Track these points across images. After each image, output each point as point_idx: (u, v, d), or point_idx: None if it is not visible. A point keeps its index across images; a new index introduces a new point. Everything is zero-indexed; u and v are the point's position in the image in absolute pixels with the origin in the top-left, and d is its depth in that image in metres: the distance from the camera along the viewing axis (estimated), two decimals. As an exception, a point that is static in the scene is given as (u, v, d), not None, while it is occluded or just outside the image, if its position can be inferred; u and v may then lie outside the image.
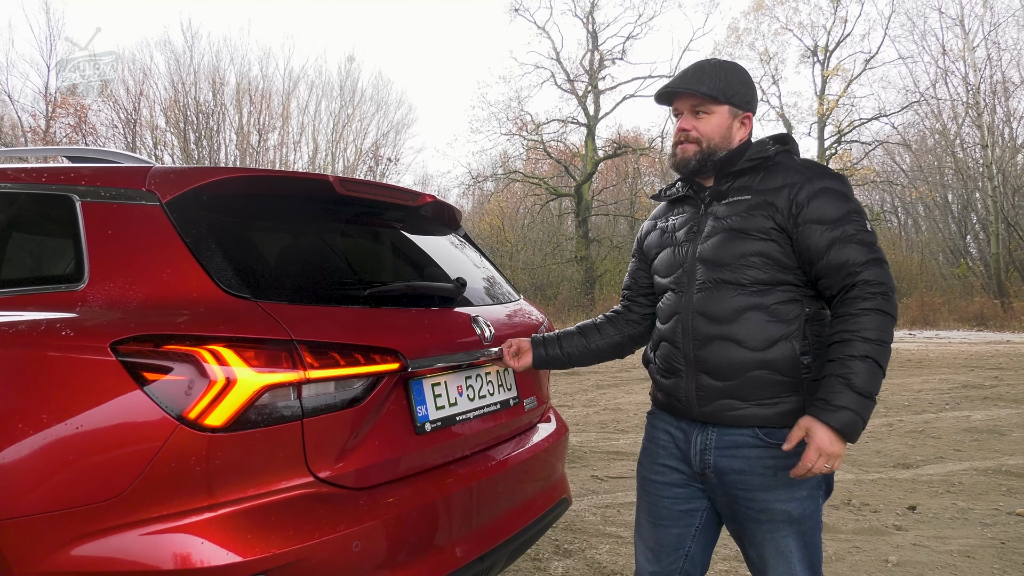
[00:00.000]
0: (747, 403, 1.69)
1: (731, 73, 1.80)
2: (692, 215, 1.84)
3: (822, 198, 1.66)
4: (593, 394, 8.68)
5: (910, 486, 4.48)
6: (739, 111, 1.81)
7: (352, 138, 30.54)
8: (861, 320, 1.57)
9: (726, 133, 1.80)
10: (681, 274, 1.80)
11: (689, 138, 1.80)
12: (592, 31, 28.21)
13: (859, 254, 1.62)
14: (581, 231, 27.83)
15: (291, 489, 1.61)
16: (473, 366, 2.14)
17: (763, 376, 1.67)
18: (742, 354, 1.68)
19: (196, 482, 1.51)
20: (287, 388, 1.59)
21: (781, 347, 1.66)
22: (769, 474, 1.69)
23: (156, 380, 1.52)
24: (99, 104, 25.72)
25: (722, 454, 1.74)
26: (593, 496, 4.37)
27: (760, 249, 1.68)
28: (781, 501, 1.68)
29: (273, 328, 1.61)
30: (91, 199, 1.81)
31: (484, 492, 2.05)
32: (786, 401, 1.68)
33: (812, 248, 1.65)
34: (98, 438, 1.53)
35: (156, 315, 1.60)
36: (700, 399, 1.75)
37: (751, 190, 1.73)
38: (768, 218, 1.68)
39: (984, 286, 24.06)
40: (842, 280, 1.63)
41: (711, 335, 1.72)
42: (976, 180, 26.18)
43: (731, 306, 1.70)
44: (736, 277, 1.70)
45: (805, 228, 1.65)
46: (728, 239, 1.72)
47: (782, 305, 1.68)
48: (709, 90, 1.76)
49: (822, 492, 1.75)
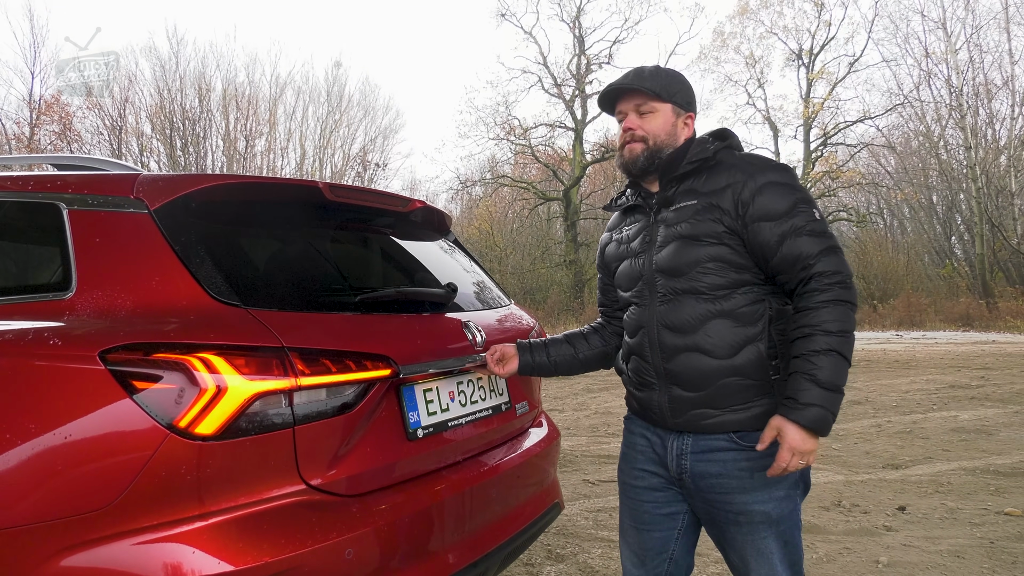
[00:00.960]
0: (720, 410, 1.70)
1: (670, 75, 1.82)
2: (644, 224, 1.84)
3: (766, 193, 1.65)
4: (584, 398, 8.68)
5: (899, 487, 4.51)
6: (681, 111, 1.81)
7: (340, 144, 30.48)
8: (821, 313, 1.58)
9: (671, 131, 1.80)
10: (642, 286, 1.80)
11: (635, 137, 1.80)
12: (579, 35, 28.31)
13: (811, 245, 1.61)
14: (570, 235, 27.88)
15: (283, 497, 1.60)
16: (465, 371, 2.13)
17: (733, 383, 1.68)
18: (710, 363, 1.68)
19: (187, 491, 1.50)
20: (278, 396, 1.59)
21: (748, 352, 1.67)
22: (745, 476, 1.69)
23: (146, 389, 1.51)
24: (84, 111, 25.57)
25: (698, 459, 1.74)
26: (585, 500, 4.37)
27: (713, 254, 1.68)
28: (759, 502, 1.69)
29: (264, 335, 1.60)
30: (78, 207, 1.80)
31: (477, 498, 2.05)
32: (758, 404, 1.69)
33: (764, 245, 1.64)
34: (87, 448, 1.52)
35: (145, 323, 1.59)
36: (673, 411, 1.76)
37: (696, 193, 1.72)
38: (716, 221, 1.67)
39: (969, 287, 24.28)
40: (798, 273, 1.63)
41: (678, 347, 1.72)
42: (960, 181, 26.43)
43: (694, 315, 1.70)
44: (694, 285, 1.69)
45: (754, 227, 1.65)
46: (681, 247, 1.71)
47: (745, 308, 1.68)
48: (651, 86, 1.77)
49: (799, 491, 1.76)
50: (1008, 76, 25.07)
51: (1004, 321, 19.69)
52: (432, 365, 1.97)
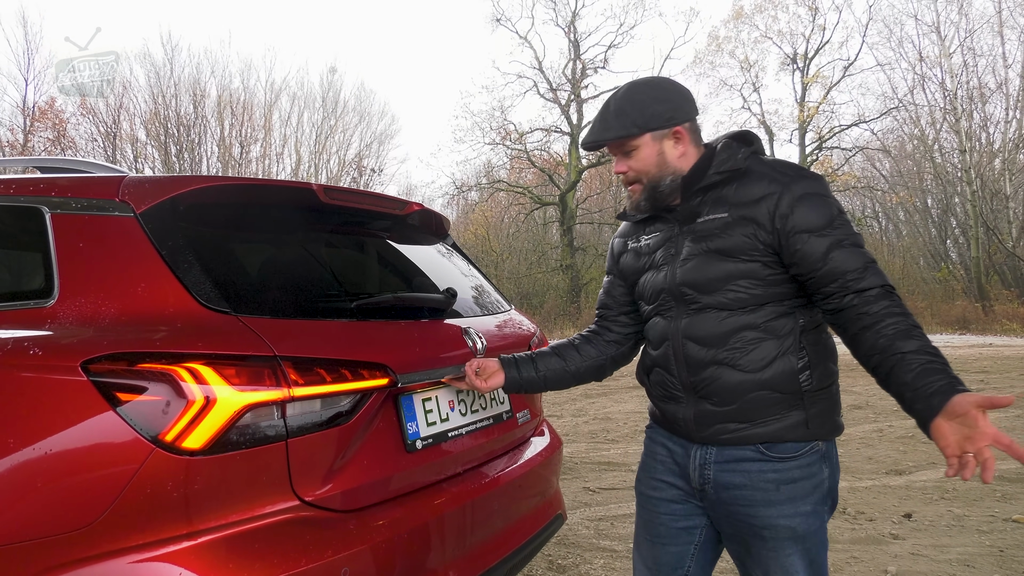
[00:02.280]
0: (748, 423, 1.63)
1: (637, 99, 1.68)
2: (667, 235, 1.75)
3: (805, 205, 1.58)
4: (582, 403, 8.61)
5: (904, 493, 4.44)
6: (663, 131, 1.69)
7: (335, 149, 30.40)
8: (902, 316, 1.51)
9: (660, 160, 1.70)
10: (666, 298, 1.72)
11: (629, 179, 1.75)
12: (574, 40, 28.29)
13: (856, 259, 1.56)
14: (566, 240, 27.82)
15: (276, 514, 1.52)
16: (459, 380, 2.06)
17: (763, 396, 1.61)
18: (739, 377, 1.61)
19: (174, 508, 1.42)
20: (270, 407, 1.51)
21: (778, 365, 1.60)
22: (771, 488, 1.62)
23: (130, 401, 1.44)
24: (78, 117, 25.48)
25: (722, 468, 1.66)
26: (586, 509, 4.29)
27: (745, 271, 1.60)
28: (785, 517, 1.61)
29: (255, 344, 1.53)
30: (61, 211, 1.73)
31: (478, 511, 1.98)
32: (787, 417, 1.61)
33: (807, 257, 1.56)
34: (68, 463, 1.44)
35: (130, 332, 1.51)
36: (699, 425, 1.68)
37: (727, 203, 1.64)
38: (751, 236, 1.60)
39: (965, 290, 24.28)
40: (845, 287, 1.55)
41: (704, 360, 1.65)
42: (955, 185, 26.45)
43: (721, 328, 1.63)
44: (723, 300, 1.62)
45: (795, 238, 1.57)
46: (709, 261, 1.63)
47: (774, 321, 1.61)
48: (617, 132, 1.68)
49: (827, 508, 1.67)
50: (1002, 80, 25.15)
51: (1000, 324, 19.68)
52: (431, 374, 1.90)
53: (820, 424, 1.62)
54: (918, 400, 1.43)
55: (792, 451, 1.62)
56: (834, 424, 1.66)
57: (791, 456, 1.61)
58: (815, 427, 1.62)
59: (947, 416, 1.37)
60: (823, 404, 1.63)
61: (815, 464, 1.63)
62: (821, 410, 1.63)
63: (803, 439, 1.62)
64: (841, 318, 1.57)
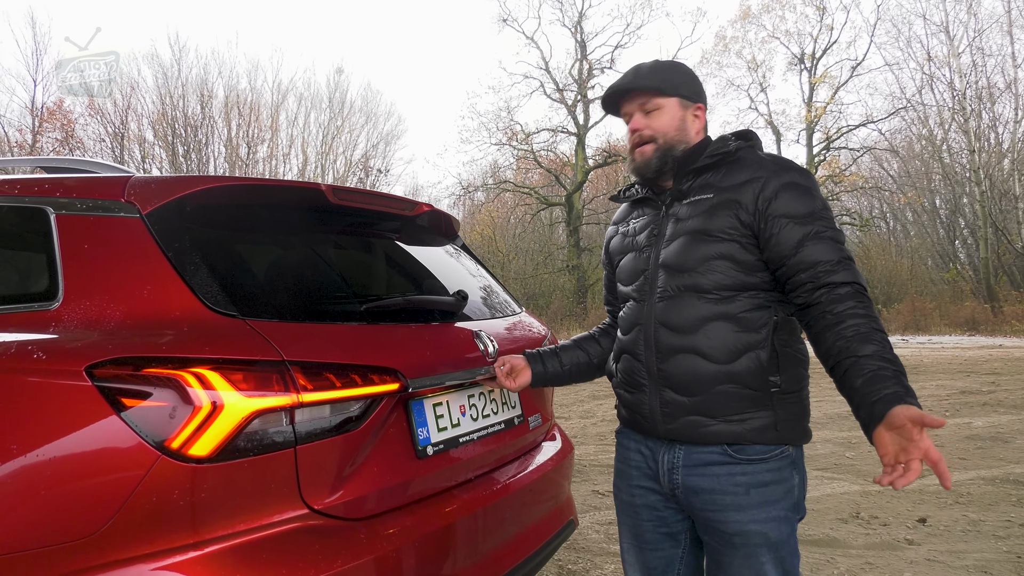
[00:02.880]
0: (715, 419, 1.59)
1: (671, 67, 1.73)
2: (653, 218, 1.75)
3: (790, 192, 1.58)
4: (590, 405, 8.57)
5: (918, 497, 4.38)
6: (689, 102, 1.72)
7: (342, 149, 30.44)
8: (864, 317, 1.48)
9: (681, 126, 1.70)
10: (643, 282, 1.71)
11: (644, 138, 1.71)
12: (580, 40, 28.25)
13: (831, 252, 1.54)
14: (572, 240, 27.77)
15: (284, 523, 1.48)
16: (476, 384, 2.02)
17: (730, 390, 1.57)
18: (707, 367, 1.58)
19: (180, 517, 1.38)
20: (279, 413, 1.47)
21: (747, 359, 1.57)
22: (741, 492, 1.58)
23: (135, 406, 1.40)
24: (86, 118, 25.57)
25: (690, 472, 1.63)
26: (595, 512, 4.24)
27: (723, 251, 1.59)
28: (756, 522, 1.57)
29: (263, 348, 1.49)
30: (66, 211, 1.69)
31: (490, 518, 1.94)
32: (755, 417, 1.58)
33: (782, 243, 1.55)
34: (72, 471, 1.40)
35: (136, 336, 1.48)
36: (665, 415, 1.64)
37: (713, 188, 1.64)
38: (732, 216, 1.59)
39: (974, 291, 24.13)
40: (814, 279, 1.53)
41: (674, 347, 1.62)
42: (963, 185, 26.31)
43: (694, 315, 1.60)
44: (698, 283, 1.60)
45: (774, 222, 1.56)
46: (690, 242, 1.62)
47: (749, 313, 1.58)
48: (652, 83, 1.68)
49: (796, 516, 1.64)
50: (1011, 79, 24.99)
51: (1010, 325, 19.55)
52: (443, 378, 1.86)
53: (789, 428, 1.60)
54: (863, 406, 1.42)
55: (761, 453, 1.59)
56: (803, 430, 1.63)
57: (760, 459, 1.59)
58: (784, 430, 1.59)
59: (887, 426, 1.37)
60: (792, 408, 1.61)
61: (785, 469, 1.60)
62: (790, 414, 1.60)
63: (772, 442, 1.59)
64: (807, 315, 1.56)
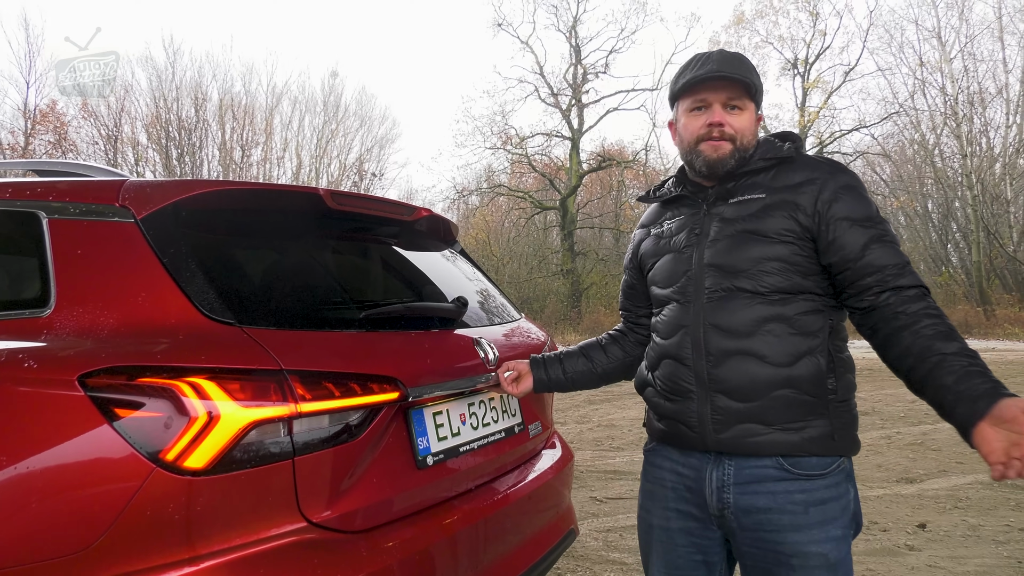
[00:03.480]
0: (771, 428, 1.50)
1: (751, 65, 1.64)
2: (692, 217, 1.66)
3: (850, 194, 1.54)
4: (585, 410, 8.53)
5: (917, 502, 4.37)
6: (757, 109, 1.66)
7: (336, 153, 30.37)
8: (937, 318, 1.44)
9: (754, 131, 1.64)
10: (686, 282, 1.61)
11: (724, 134, 1.59)
12: (575, 45, 28.28)
13: (896, 256, 1.50)
14: (567, 244, 27.75)
15: (282, 536, 1.45)
16: (476, 392, 1.99)
17: (788, 396, 1.49)
18: (765, 371, 1.49)
19: (175, 532, 1.35)
20: (276, 423, 1.44)
21: (807, 362, 1.50)
22: (799, 511, 1.49)
23: (129, 417, 1.36)
24: (79, 121, 25.45)
25: (743, 491, 1.53)
26: (593, 519, 4.21)
27: (779, 253, 1.52)
28: (816, 543, 1.48)
29: (260, 357, 1.46)
30: (59, 216, 1.65)
31: (491, 529, 1.90)
32: (813, 426, 1.50)
33: (847, 247, 1.50)
34: (64, 484, 1.37)
35: (130, 344, 1.44)
36: (717, 423, 1.53)
37: (764, 187, 1.58)
38: (789, 218, 1.53)
39: (967, 294, 24.22)
40: (881, 283, 1.49)
41: (728, 350, 1.52)
42: (955, 189, 26.42)
43: (749, 316, 1.52)
44: (754, 285, 1.52)
45: (836, 225, 1.51)
46: (742, 242, 1.55)
47: (805, 316, 1.52)
48: (747, 78, 1.59)
49: (852, 531, 1.56)
50: (1002, 85, 25.18)
51: (1002, 328, 19.62)
52: (443, 386, 1.83)
53: (844, 437, 1.53)
54: (960, 403, 1.35)
55: (819, 468, 1.51)
56: (855, 439, 1.58)
57: (818, 474, 1.51)
58: (840, 440, 1.52)
59: (992, 421, 1.30)
60: (846, 417, 1.55)
61: (842, 483, 1.53)
62: (845, 423, 1.54)
63: (829, 453, 1.52)
64: (873, 317, 1.50)
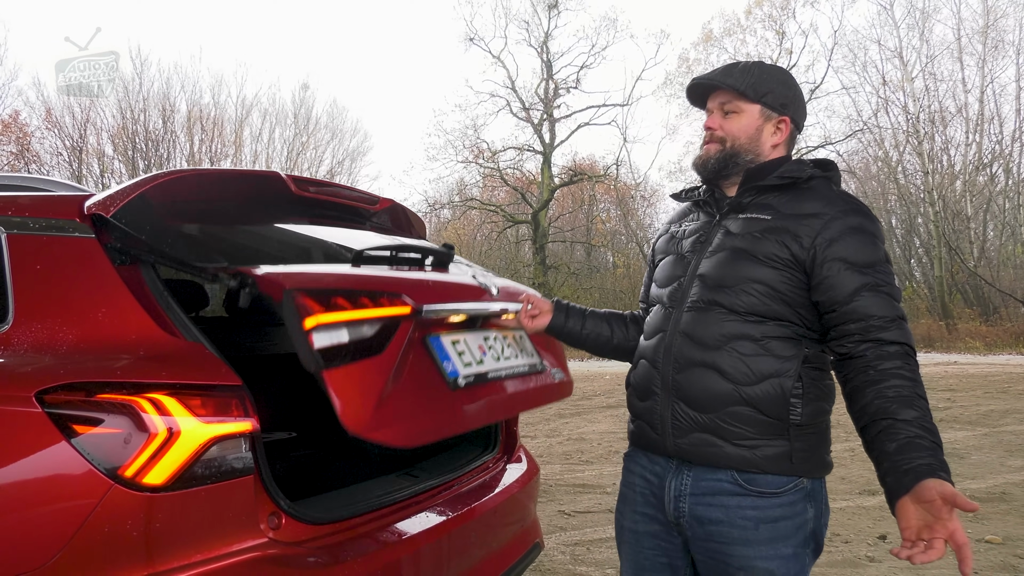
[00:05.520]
0: (725, 441, 1.52)
1: (767, 71, 1.64)
2: (703, 225, 1.69)
3: (855, 237, 1.51)
4: (555, 423, 8.55)
5: (878, 514, 4.45)
6: (773, 113, 1.63)
7: (307, 166, 30.14)
8: (909, 381, 1.42)
9: (755, 135, 1.63)
10: (675, 289, 1.65)
11: (713, 136, 1.65)
12: (546, 60, 28.52)
13: (887, 308, 1.47)
14: (538, 258, 27.86)
15: (244, 551, 1.44)
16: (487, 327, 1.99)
17: (744, 413, 1.51)
18: (724, 386, 1.52)
19: (134, 548, 1.34)
20: (238, 439, 1.44)
21: (769, 384, 1.50)
22: (750, 526, 1.51)
23: (87, 433, 1.36)
24: (43, 131, 25.02)
25: (698, 501, 1.56)
26: (561, 533, 4.22)
27: (765, 276, 1.52)
28: (763, 558, 1.51)
29: (222, 373, 1.46)
30: (18, 231, 1.65)
31: (455, 542, 1.91)
32: (769, 445, 1.51)
33: (836, 288, 1.48)
34: (20, 500, 1.36)
35: (89, 360, 1.44)
36: (676, 429, 1.57)
37: (773, 210, 1.57)
38: (783, 245, 1.52)
39: (929, 308, 24.75)
40: (863, 332, 1.46)
41: (693, 360, 1.55)
42: (918, 205, 27.04)
43: (720, 331, 1.54)
44: (731, 302, 1.54)
45: (830, 265, 1.49)
46: (732, 258, 1.56)
47: (776, 340, 1.52)
48: (737, 83, 1.61)
49: (809, 550, 1.57)
50: (962, 104, 25.86)
51: (964, 342, 20.07)
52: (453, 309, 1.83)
53: (805, 459, 1.53)
54: (891, 473, 1.36)
55: (773, 486, 1.52)
56: (821, 460, 1.57)
57: (772, 492, 1.52)
58: (799, 462, 1.52)
59: (914, 498, 1.31)
60: (811, 439, 1.54)
61: (799, 503, 1.53)
62: (808, 444, 1.53)
63: (786, 474, 1.52)
64: (848, 366, 1.49)
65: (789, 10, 27.59)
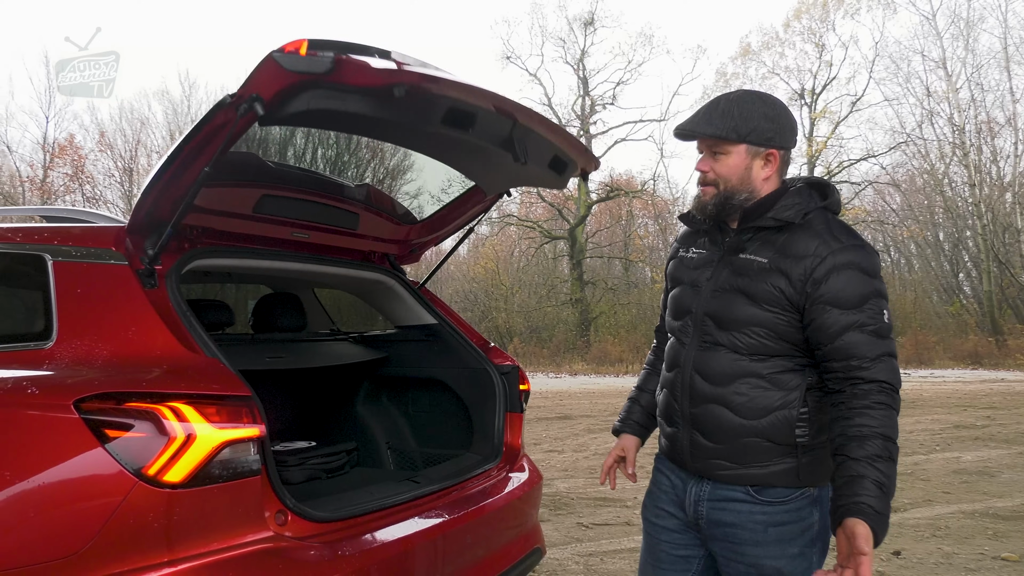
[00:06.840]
0: (738, 465, 1.67)
1: (748, 107, 1.65)
2: (710, 259, 1.76)
3: (844, 275, 1.57)
4: (584, 439, 8.64)
5: (896, 530, 4.45)
6: (760, 148, 1.66)
7: (348, 184, 30.78)
8: (876, 416, 1.51)
9: (744, 174, 1.67)
10: (685, 324, 1.76)
11: (707, 180, 1.71)
12: (583, 77, 28.79)
13: (870, 347, 1.54)
14: (575, 274, 27.95)
15: (253, 543, 1.63)
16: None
17: (756, 444, 1.64)
18: (734, 421, 1.64)
19: (155, 537, 1.53)
20: (247, 443, 1.63)
21: (776, 416, 1.62)
22: (759, 529, 1.66)
23: (118, 437, 1.55)
24: (96, 154, 26.08)
25: (714, 506, 1.71)
26: (577, 544, 4.33)
27: (763, 319, 1.61)
28: (771, 557, 1.65)
29: (234, 385, 1.65)
30: (62, 258, 1.86)
31: (453, 542, 2.06)
32: (779, 464, 1.65)
33: (822, 329, 1.57)
34: (58, 495, 1.56)
35: (120, 373, 1.64)
36: (693, 454, 1.73)
37: (770, 248, 1.64)
38: (778, 289, 1.60)
39: (978, 324, 24.11)
40: (845, 371, 1.56)
41: (706, 396, 1.68)
42: (966, 219, 26.45)
43: (727, 370, 1.65)
44: (734, 342, 1.64)
45: (818, 307, 1.57)
46: (734, 300, 1.65)
47: (781, 374, 1.63)
48: (717, 131, 1.64)
49: (816, 550, 1.69)
50: (1011, 114, 25.27)
51: (1014, 359, 19.53)
52: None
53: (811, 472, 1.65)
54: (834, 503, 1.51)
55: (782, 496, 1.65)
56: (828, 470, 1.64)
57: (779, 501, 1.66)
58: (806, 475, 1.65)
59: (840, 530, 1.47)
60: (817, 453, 1.65)
61: (805, 508, 1.66)
62: (814, 458, 1.65)
63: (793, 486, 1.65)
64: (832, 399, 1.60)
65: (828, 22, 27.42)
